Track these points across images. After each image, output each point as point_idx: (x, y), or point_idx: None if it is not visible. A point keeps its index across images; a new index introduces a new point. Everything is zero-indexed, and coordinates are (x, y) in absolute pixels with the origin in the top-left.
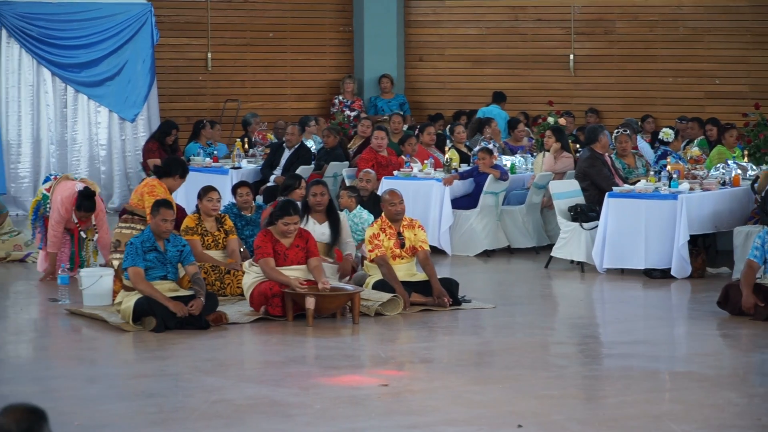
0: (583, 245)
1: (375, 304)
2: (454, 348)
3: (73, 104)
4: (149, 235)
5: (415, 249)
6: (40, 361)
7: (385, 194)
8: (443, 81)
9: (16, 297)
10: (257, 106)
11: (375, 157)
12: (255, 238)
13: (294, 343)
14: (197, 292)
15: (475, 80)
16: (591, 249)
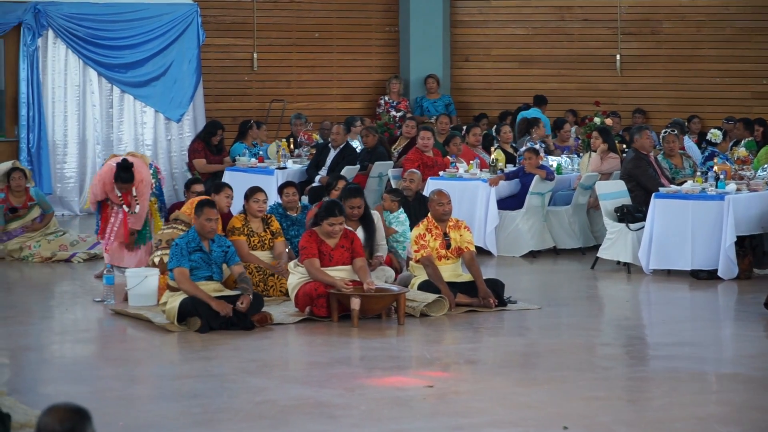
0: (630, 246)
1: (420, 304)
2: (500, 349)
3: (119, 104)
4: (194, 235)
5: (461, 250)
6: (84, 362)
7: (433, 194)
8: (489, 81)
9: (62, 297)
10: (303, 106)
11: (420, 157)
12: (300, 238)
13: (339, 344)
14: (244, 290)
15: (521, 80)
16: (637, 250)
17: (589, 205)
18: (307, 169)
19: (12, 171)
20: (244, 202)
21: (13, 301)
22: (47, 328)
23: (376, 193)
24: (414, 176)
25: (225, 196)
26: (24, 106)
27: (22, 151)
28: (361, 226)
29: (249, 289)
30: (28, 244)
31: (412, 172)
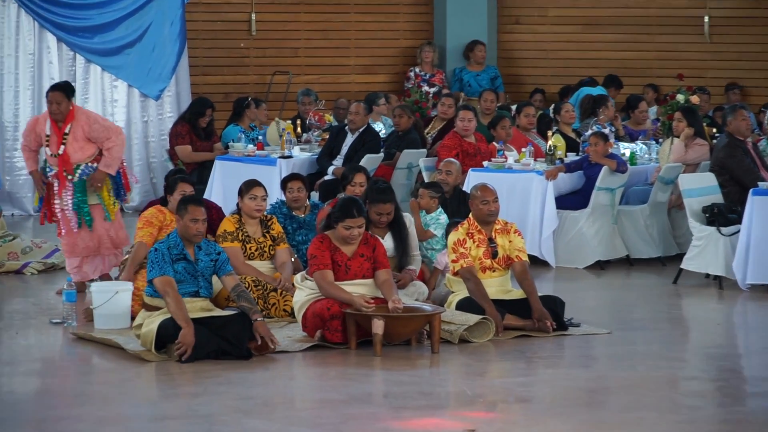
0: (722, 255)
1: (459, 328)
2: (559, 384)
3: (84, 77)
4: (177, 240)
5: (510, 259)
6: (40, 399)
7: (476, 190)
8: (545, 49)
9: (11, 318)
10: (312, 80)
11: (460, 143)
12: (309, 245)
13: (358, 378)
14: (247, 309)
15: (586, 48)
16: (731, 260)
17: (671, 203)
18: (318, 158)
19: None
20: (239, 199)
21: None
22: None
23: (403, 188)
24: (452, 167)
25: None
26: None
27: None
28: (390, 233)
29: (253, 307)
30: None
31: (450, 162)
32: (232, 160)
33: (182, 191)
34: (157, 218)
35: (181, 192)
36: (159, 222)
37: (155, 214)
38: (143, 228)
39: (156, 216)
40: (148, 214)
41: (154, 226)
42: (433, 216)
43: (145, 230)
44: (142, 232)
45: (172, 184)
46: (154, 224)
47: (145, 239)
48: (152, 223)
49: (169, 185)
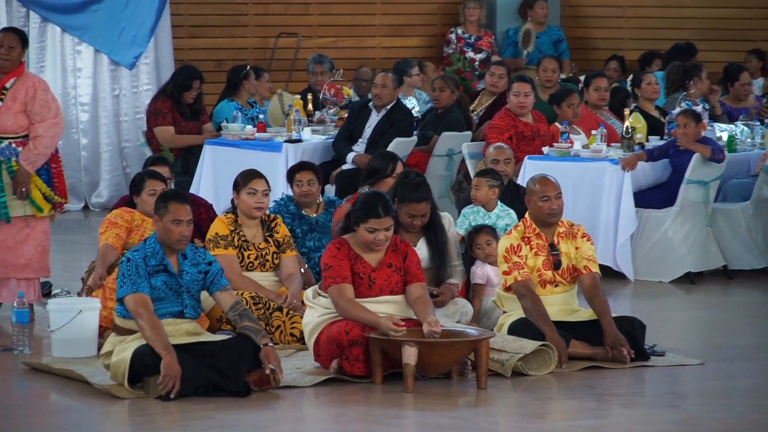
0: None
1: (513, 357)
2: (638, 428)
3: (39, 41)
4: (155, 247)
5: (576, 271)
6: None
7: (534, 183)
8: (621, 5)
9: None
10: (327, 44)
11: (513, 124)
12: (323, 252)
13: (384, 420)
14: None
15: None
16: None
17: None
18: (335, 142)
19: None
20: (234, 194)
21: None
22: None
23: (442, 181)
24: (503, 153)
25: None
26: None
27: None
28: (424, 238)
29: (260, 330)
30: None
31: (501, 148)
32: (226, 145)
33: (152, 190)
34: (122, 218)
35: (150, 191)
36: (125, 222)
37: (120, 214)
38: (107, 231)
39: (121, 216)
40: (112, 215)
41: (120, 227)
42: (498, 213)
43: (110, 232)
44: (105, 234)
45: (139, 182)
46: (120, 224)
47: (111, 241)
48: (117, 223)
49: (135, 183)
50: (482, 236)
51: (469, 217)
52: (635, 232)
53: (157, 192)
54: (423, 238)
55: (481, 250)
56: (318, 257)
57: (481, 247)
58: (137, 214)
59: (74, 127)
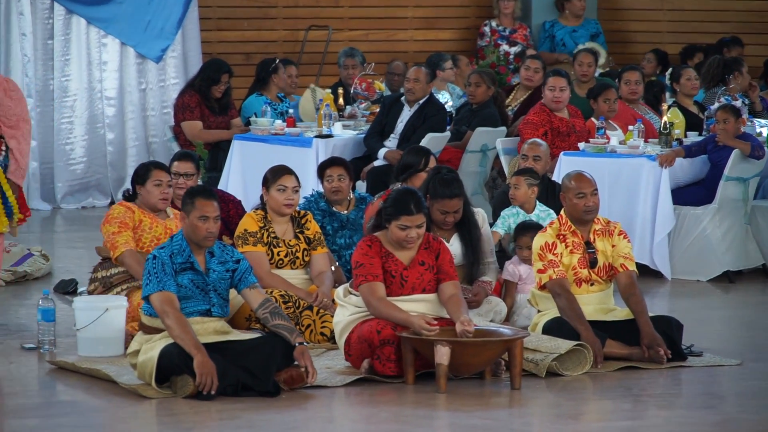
0: None
1: (547, 357)
2: (674, 429)
3: (64, 33)
4: (182, 244)
5: (612, 269)
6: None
7: (569, 180)
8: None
9: None
10: (358, 37)
11: (548, 119)
12: (354, 249)
13: (416, 420)
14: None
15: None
16: None
17: None
18: (366, 137)
19: None
20: (263, 191)
21: None
22: None
23: (475, 177)
24: (539, 150)
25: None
26: None
27: None
28: (458, 235)
29: (293, 329)
30: None
31: (536, 144)
32: (255, 140)
33: (158, 180)
34: (129, 218)
35: (156, 182)
36: (132, 222)
37: (125, 212)
38: (121, 232)
39: (127, 215)
40: (118, 213)
41: (129, 228)
42: (537, 214)
43: (125, 234)
44: (121, 237)
45: (143, 173)
46: (129, 225)
47: (131, 244)
48: (127, 224)
49: (139, 174)
50: (525, 239)
51: (508, 219)
52: (673, 229)
53: (162, 183)
54: (456, 235)
55: (521, 251)
56: (349, 255)
57: (522, 248)
58: (138, 212)
59: (100, 121)
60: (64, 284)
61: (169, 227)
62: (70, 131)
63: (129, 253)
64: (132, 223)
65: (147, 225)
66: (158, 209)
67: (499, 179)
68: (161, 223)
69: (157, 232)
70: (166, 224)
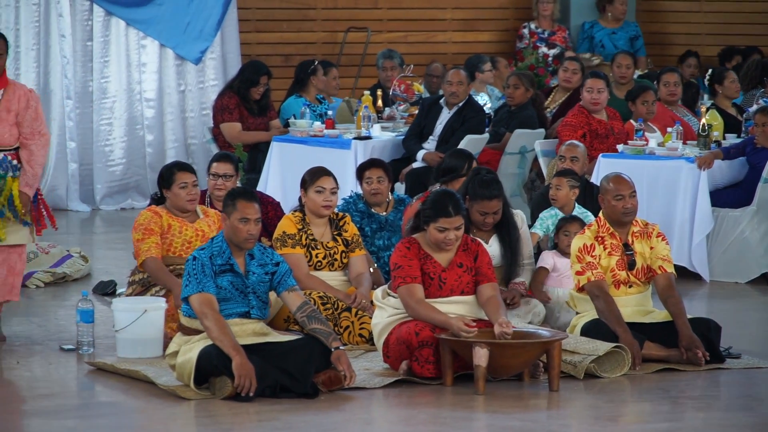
0: None
1: (586, 359)
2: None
3: (103, 35)
4: (222, 246)
5: (651, 271)
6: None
7: (607, 182)
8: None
9: (11, 343)
10: (397, 39)
11: (587, 121)
12: (393, 251)
13: (454, 422)
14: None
15: None
16: None
17: None
18: (405, 139)
19: None
20: (301, 192)
21: None
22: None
23: (514, 179)
24: (576, 151)
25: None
26: None
27: None
28: (496, 236)
29: (330, 332)
30: None
31: (573, 145)
32: (294, 142)
33: (183, 183)
34: (156, 223)
35: (181, 184)
36: (158, 228)
37: (151, 218)
38: (144, 239)
39: (153, 220)
40: (144, 219)
41: (155, 234)
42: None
43: (150, 241)
44: (145, 244)
45: (168, 176)
46: (155, 231)
47: (153, 252)
48: (152, 230)
49: (164, 177)
50: (574, 225)
51: (547, 221)
52: (711, 232)
53: (188, 184)
54: (495, 236)
55: (567, 238)
56: (387, 256)
57: (569, 234)
58: (165, 216)
59: (139, 123)
60: (103, 285)
61: (200, 229)
62: (109, 133)
63: (151, 260)
64: (159, 228)
65: (176, 229)
66: (187, 210)
67: (538, 181)
68: (191, 226)
69: (188, 236)
70: (195, 226)
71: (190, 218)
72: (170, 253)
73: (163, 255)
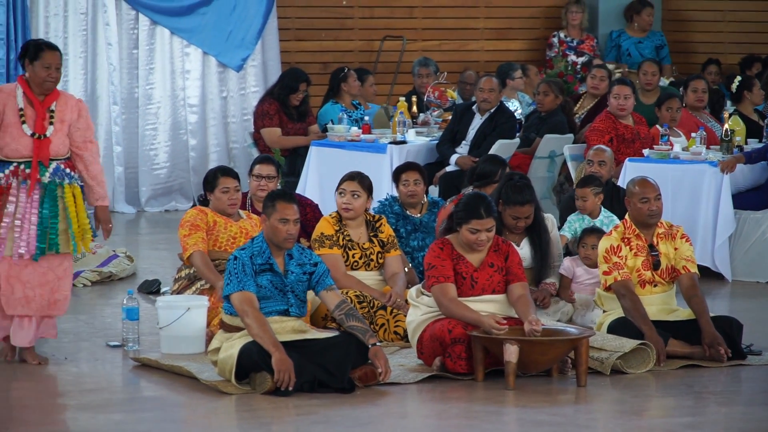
0: None
1: (612, 356)
2: (735, 425)
3: (148, 43)
4: (262, 246)
5: (675, 271)
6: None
7: (633, 185)
8: (722, 10)
9: (59, 340)
10: (432, 47)
11: (614, 126)
12: (426, 252)
13: (485, 416)
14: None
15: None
16: None
17: None
18: (439, 144)
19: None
20: (337, 195)
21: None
22: (40, 388)
23: (544, 182)
24: (603, 155)
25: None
26: (2, 44)
27: None
28: (527, 239)
29: (367, 329)
30: None
31: (601, 150)
32: (332, 146)
33: (225, 187)
34: (201, 220)
35: (224, 189)
36: (204, 224)
37: (197, 215)
38: (191, 234)
39: (199, 217)
40: (190, 216)
41: (201, 230)
42: (602, 220)
43: (196, 236)
44: (191, 239)
45: (212, 179)
46: (201, 227)
47: (200, 246)
48: (198, 226)
49: (208, 180)
50: (592, 238)
51: (574, 224)
52: (733, 233)
53: (230, 189)
54: (526, 239)
55: (585, 249)
56: (421, 257)
57: (586, 246)
58: (211, 214)
59: (183, 128)
60: (148, 284)
61: (244, 227)
62: (153, 137)
63: (197, 254)
64: (205, 225)
65: (221, 225)
66: (229, 213)
67: (567, 184)
68: (235, 224)
69: (233, 232)
70: (240, 224)
71: (234, 218)
72: (216, 247)
73: (209, 249)
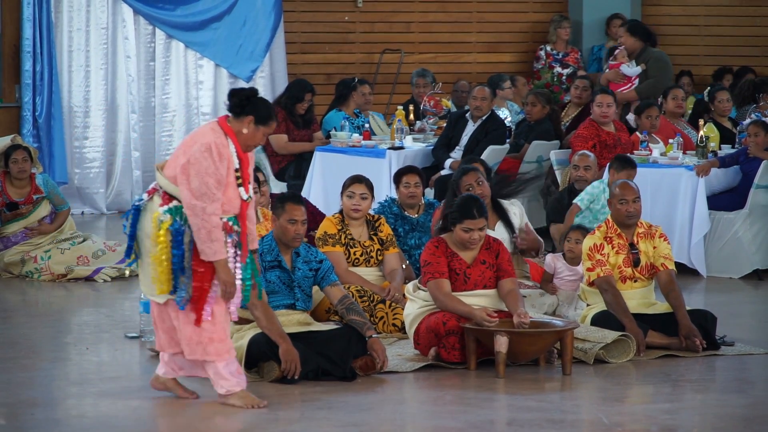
0: None
1: (595, 346)
2: (710, 412)
3: (164, 56)
4: (271, 244)
5: (654, 268)
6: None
7: (614, 187)
8: (697, 24)
9: (81, 331)
10: (428, 59)
11: (597, 133)
12: (423, 250)
13: (477, 402)
14: (359, 325)
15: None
16: None
17: None
18: (434, 149)
19: (11, 150)
20: (341, 197)
21: (13, 337)
22: (60, 376)
23: None
24: (587, 160)
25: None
26: (29, 57)
27: (26, 122)
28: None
29: (366, 322)
30: (34, 255)
31: (585, 155)
32: (335, 151)
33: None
34: None
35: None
36: None
37: None
38: None
39: None
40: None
41: None
42: None
43: None
44: None
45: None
46: None
47: None
48: None
49: None
50: (576, 233)
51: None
52: (708, 232)
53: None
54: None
55: (569, 243)
56: (418, 254)
57: (570, 241)
58: None
59: None
60: None
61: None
62: (169, 144)
63: None
64: None
65: None
66: None
67: (553, 187)
68: None
69: None
70: None
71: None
72: None
73: None
